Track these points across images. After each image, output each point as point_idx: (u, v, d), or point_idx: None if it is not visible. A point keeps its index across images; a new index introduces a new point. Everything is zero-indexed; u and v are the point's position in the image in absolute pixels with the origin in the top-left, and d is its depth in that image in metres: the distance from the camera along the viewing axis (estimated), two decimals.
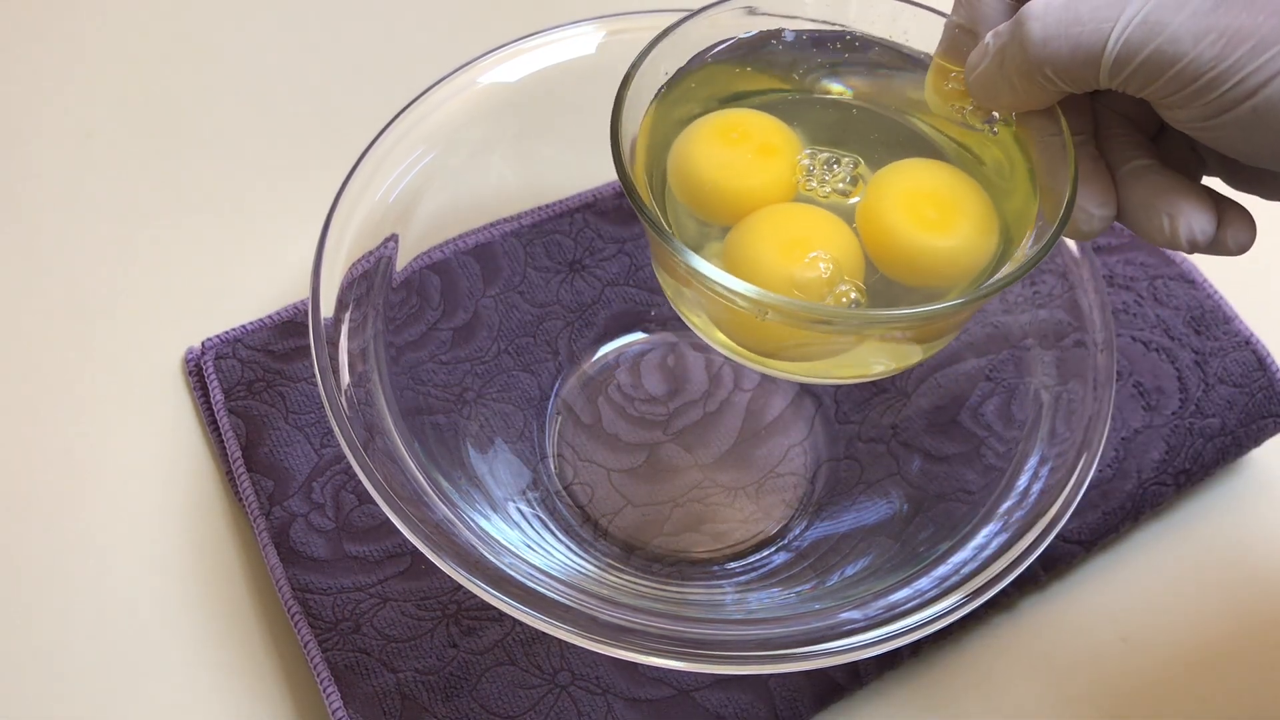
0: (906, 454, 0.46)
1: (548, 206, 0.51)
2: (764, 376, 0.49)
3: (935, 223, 0.34)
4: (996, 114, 0.36)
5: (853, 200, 0.36)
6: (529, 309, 0.49)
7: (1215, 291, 0.50)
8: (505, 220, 0.50)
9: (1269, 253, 0.55)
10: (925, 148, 0.37)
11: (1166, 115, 0.30)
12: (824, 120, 0.38)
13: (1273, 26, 0.28)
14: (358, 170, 0.43)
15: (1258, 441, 0.48)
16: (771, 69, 0.38)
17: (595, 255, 0.50)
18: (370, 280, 0.43)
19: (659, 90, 0.37)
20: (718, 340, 0.37)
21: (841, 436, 0.48)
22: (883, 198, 0.35)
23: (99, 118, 0.56)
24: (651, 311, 0.50)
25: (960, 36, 0.34)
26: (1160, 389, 0.48)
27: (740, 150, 0.35)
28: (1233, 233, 0.31)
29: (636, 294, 0.50)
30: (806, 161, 0.36)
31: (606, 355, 0.49)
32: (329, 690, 0.41)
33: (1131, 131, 0.34)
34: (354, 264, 0.42)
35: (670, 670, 0.42)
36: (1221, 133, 0.29)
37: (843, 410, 0.48)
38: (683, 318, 0.38)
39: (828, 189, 0.36)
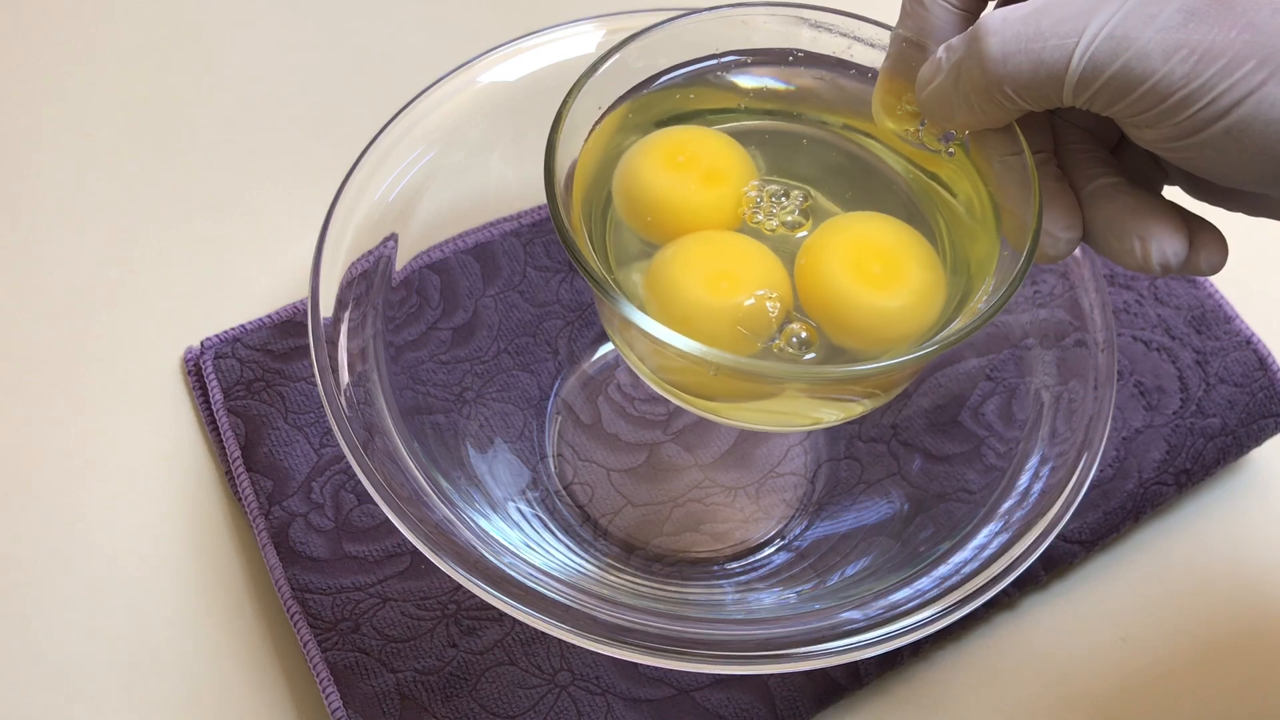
0: (907, 454, 0.45)
1: (547, 206, 0.51)
2: None
3: (878, 285, 0.32)
4: (952, 132, 0.33)
5: (800, 235, 0.34)
6: (529, 308, 0.49)
7: (1216, 291, 0.50)
8: (505, 219, 0.50)
9: (1269, 253, 0.55)
10: (880, 177, 0.35)
11: (1133, 134, 0.29)
12: (774, 145, 0.36)
13: (1245, 42, 0.26)
14: (357, 169, 0.43)
15: (1259, 441, 0.48)
16: (719, 89, 0.37)
17: None
18: (370, 279, 0.43)
19: (603, 113, 0.35)
20: (653, 381, 0.35)
21: (841, 436, 0.47)
22: (824, 260, 0.32)
23: (99, 118, 0.56)
24: None
25: (908, 50, 0.33)
26: (1161, 388, 0.48)
27: (685, 174, 0.33)
28: (1205, 255, 0.30)
29: None
30: (754, 193, 0.34)
31: (606, 355, 0.49)
32: (328, 690, 0.41)
33: (1093, 146, 0.32)
34: (353, 263, 0.42)
35: (670, 670, 0.42)
36: (1192, 153, 0.28)
37: None
38: (623, 357, 0.36)
39: (775, 222, 0.34)
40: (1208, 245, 0.30)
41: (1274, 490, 0.49)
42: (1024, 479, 0.41)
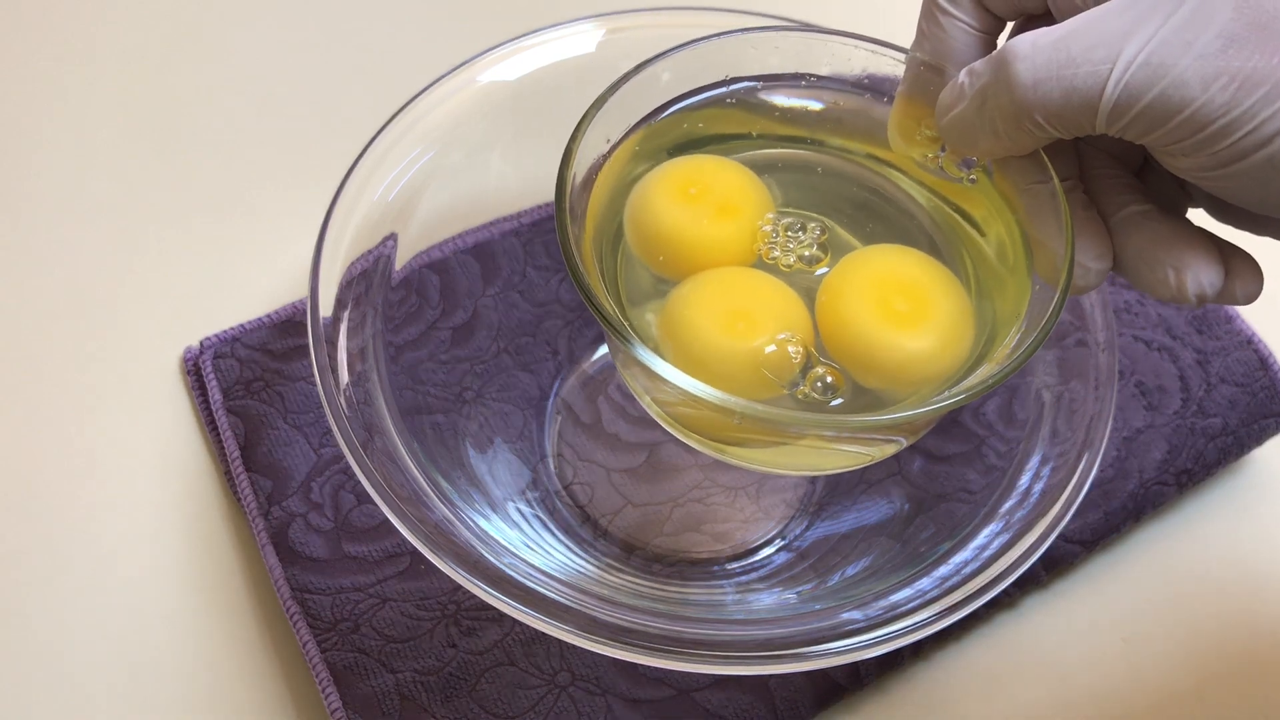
0: (907, 453, 0.45)
1: (547, 205, 0.51)
2: None
3: (905, 324, 0.30)
4: (973, 159, 0.32)
5: (820, 271, 0.32)
6: (528, 308, 0.49)
7: None
8: (505, 219, 0.50)
9: (1269, 253, 0.55)
10: (902, 209, 0.34)
11: (1167, 163, 0.28)
12: (791, 175, 0.34)
13: None
14: (356, 169, 0.43)
15: (1260, 441, 0.48)
16: (732, 115, 0.35)
17: None
18: (369, 279, 0.43)
19: (612, 145, 0.34)
20: (668, 424, 0.34)
21: None
22: (847, 299, 0.31)
23: (99, 118, 0.56)
24: None
25: (925, 74, 0.31)
26: (1162, 388, 0.48)
27: (698, 208, 0.32)
28: (1241, 284, 0.29)
29: None
30: (769, 228, 0.32)
31: (606, 355, 0.49)
32: (328, 690, 0.41)
33: (1120, 172, 0.31)
34: (353, 263, 0.42)
35: (670, 670, 0.42)
36: (1229, 182, 0.27)
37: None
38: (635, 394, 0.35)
39: (792, 257, 0.32)
40: (1243, 274, 0.29)
41: (1275, 490, 0.49)
42: (1025, 479, 0.41)
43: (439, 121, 0.45)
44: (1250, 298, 0.30)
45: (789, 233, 0.32)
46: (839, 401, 0.30)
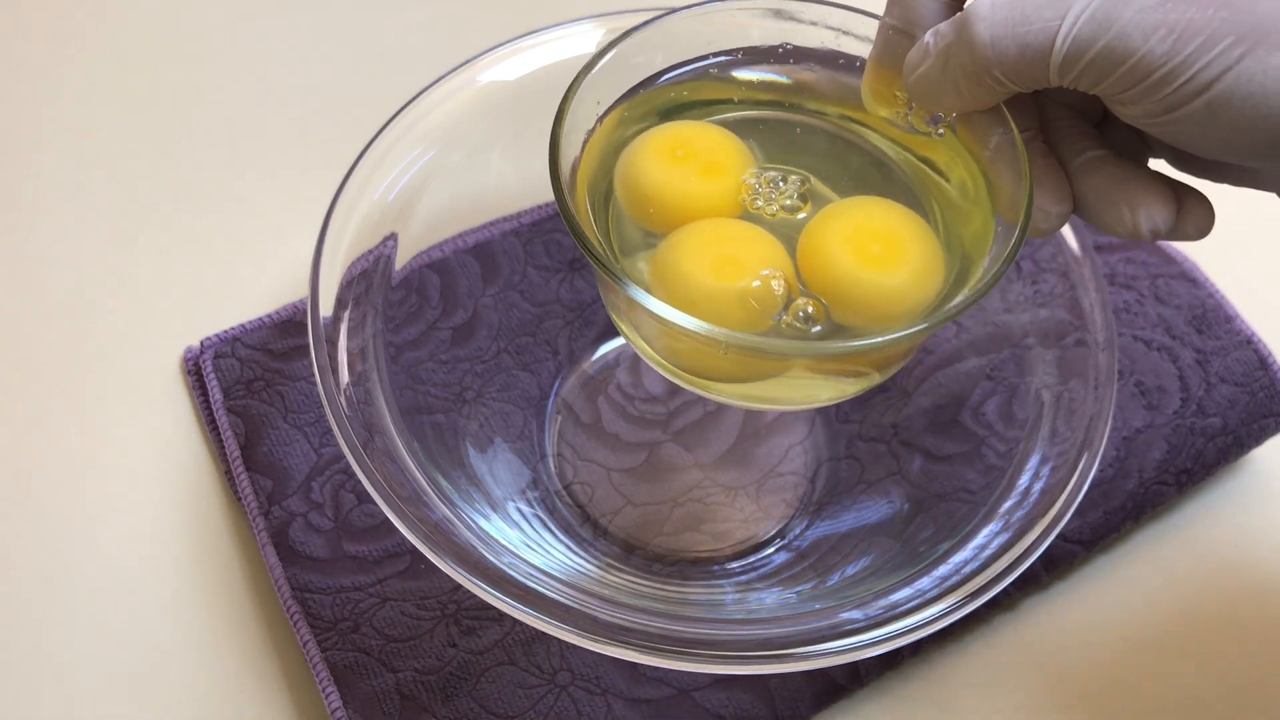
0: (907, 453, 0.45)
1: (547, 205, 0.51)
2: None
3: (879, 263, 0.33)
4: (940, 115, 0.35)
5: (800, 216, 0.35)
6: (529, 308, 0.49)
7: (1217, 290, 0.50)
8: (505, 219, 0.50)
9: (1270, 252, 0.55)
10: (875, 162, 0.36)
11: (1118, 111, 0.30)
12: (772, 135, 0.37)
13: (1223, 19, 0.27)
14: (357, 169, 0.43)
15: (1259, 441, 0.48)
16: (715, 83, 0.38)
17: None
18: (369, 279, 0.43)
19: (604, 111, 0.36)
20: (659, 365, 0.36)
21: (842, 436, 0.47)
22: (826, 241, 0.34)
23: (99, 118, 0.56)
24: None
25: (895, 38, 0.34)
26: (1162, 388, 0.48)
27: (685, 167, 0.34)
28: (1193, 219, 0.31)
29: None
30: (752, 180, 0.35)
31: (606, 354, 0.49)
32: (328, 690, 0.41)
33: (1079, 123, 0.33)
34: (353, 263, 0.42)
35: (670, 670, 0.42)
36: (1175, 127, 0.29)
37: (843, 409, 0.48)
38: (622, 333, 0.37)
39: (774, 206, 0.35)
40: (1194, 211, 0.31)
41: (1275, 490, 0.49)
42: (1024, 479, 0.41)
43: (439, 121, 0.45)
44: (1202, 233, 0.31)
45: (771, 185, 0.35)
46: (819, 329, 0.33)
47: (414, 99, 0.44)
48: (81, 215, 0.53)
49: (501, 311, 0.48)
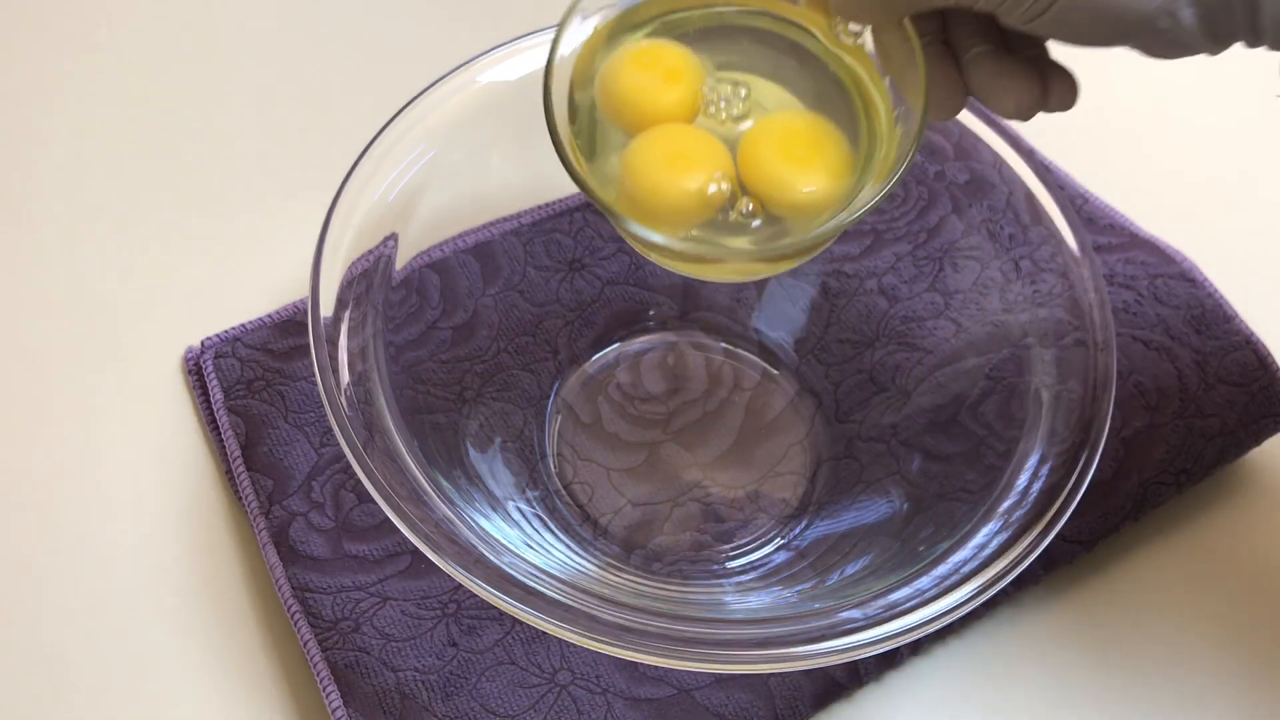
0: (906, 453, 0.45)
1: (548, 205, 0.51)
2: (764, 375, 0.49)
3: (800, 162, 0.39)
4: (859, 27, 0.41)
5: (744, 125, 0.40)
6: (529, 308, 0.49)
7: (1216, 290, 0.50)
8: (505, 219, 0.50)
9: (1269, 252, 0.55)
10: (818, 73, 0.41)
11: (1004, 21, 0.36)
12: (726, 45, 0.42)
13: None
14: (357, 169, 0.43)
15: (1258, 441, 0.48)
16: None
17: (595, 254, 0.50)
18: (370, 279, 0.43)
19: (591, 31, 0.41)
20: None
21: (841, 435, 0.48)
22: (759, 148, 0.40)
23: (99, 118, 0.56)
24: (651, 311, 0.50)
25: None
26: (1161, 388, 0.48)
27: (651, 75, 0.40)
28: (1056, 96, 0.37)
29: (636, 293, 0.50)
30: (708, 90, 0.40)
31: (606, 354, 0.49)
32: (329, 689, 0.41)
33: (976, 28, 0.38)
34: (353, 263, 0.42)
35: (670, 670, 0.42)
36: (1044, 30, 0.35)
37: (843, 409, 0.48)
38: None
39: (724, 115, 0.40)
40: (1057, 89, 0.37)
41: (1274, 490, 0.49)
42: (1023, 478, 0.41)
43: (439, 121, 0.45)
44: (1066, 106, 0.37)
45: (722, 98, 0.40)
46: (759, 223, 0.39)
47: (414, 99, 0.44)
48: (81, 215, 0.53)
49: (501, 311, 0.48)
